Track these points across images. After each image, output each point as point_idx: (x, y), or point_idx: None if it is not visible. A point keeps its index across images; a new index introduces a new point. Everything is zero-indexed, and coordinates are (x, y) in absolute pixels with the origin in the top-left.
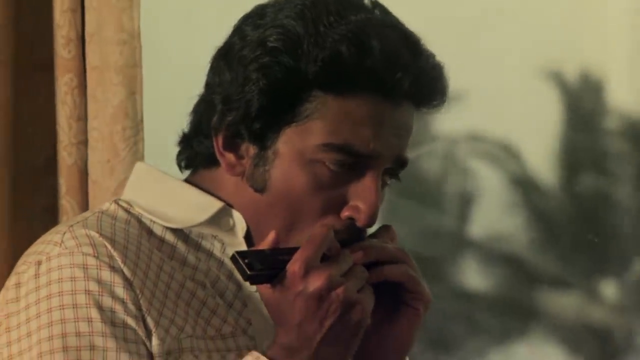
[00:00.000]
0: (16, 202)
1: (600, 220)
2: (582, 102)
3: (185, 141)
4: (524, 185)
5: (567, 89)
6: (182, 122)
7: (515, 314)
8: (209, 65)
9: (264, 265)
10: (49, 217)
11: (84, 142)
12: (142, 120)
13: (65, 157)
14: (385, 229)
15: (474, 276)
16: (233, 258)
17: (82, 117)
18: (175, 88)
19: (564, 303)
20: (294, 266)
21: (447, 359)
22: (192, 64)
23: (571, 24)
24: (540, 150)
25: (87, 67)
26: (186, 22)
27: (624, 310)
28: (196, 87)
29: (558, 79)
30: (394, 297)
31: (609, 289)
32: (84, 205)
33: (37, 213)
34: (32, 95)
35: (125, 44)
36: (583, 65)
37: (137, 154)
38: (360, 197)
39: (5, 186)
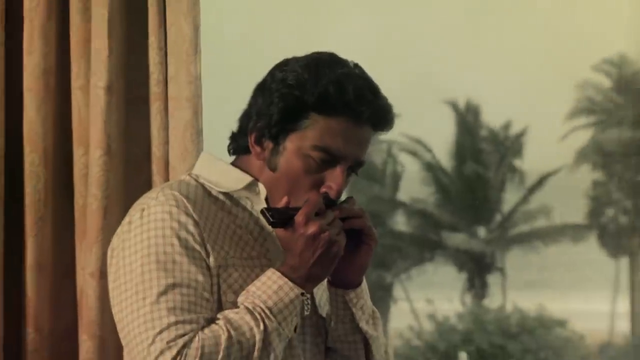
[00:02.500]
0: (127, 178)
1: (478, 191)
2: (467, 120)
3: (233, 137)
4: (433, 169)
5: (458, 111)
6: (225, 132)
7: (426, 246)
8: (252, 93)
9: (281, 216)
10: (147, 188)
11: (166, 142)
12: (202, 130)
13: (156, 152)
14: (350, 198)
15: (402, 223)
16: (262, 211)
17: (165, 128)
18: (225, 110)
19: (456, 239)
20: (299, 218)
21: (385, 274)
22: (234, 95)
23: (462, 66)
24: (443, 147)
25: (168, 97)
26: (229, 70)
27: (490, 243)
28: (236, 109)
29: (452, 105)
30: (356, 239)
31: (482, 231)
32: (167, 180)
33: (139, 185)
34: (136, 115)
35: (192, 83)
36: (469, 96)
37: (199, 150)
38: (333, 180)
39: (120, 170)
